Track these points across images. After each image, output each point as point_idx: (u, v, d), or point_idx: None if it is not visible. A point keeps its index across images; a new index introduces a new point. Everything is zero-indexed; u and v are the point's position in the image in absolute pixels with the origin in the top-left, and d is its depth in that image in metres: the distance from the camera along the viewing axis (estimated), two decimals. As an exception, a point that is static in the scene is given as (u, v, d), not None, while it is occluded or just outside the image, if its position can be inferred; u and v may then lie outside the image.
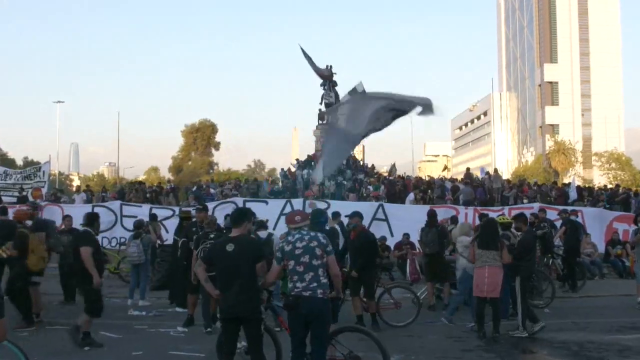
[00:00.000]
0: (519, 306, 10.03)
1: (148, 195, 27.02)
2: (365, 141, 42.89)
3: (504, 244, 9.99)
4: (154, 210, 19.74)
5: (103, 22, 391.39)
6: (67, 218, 14.64)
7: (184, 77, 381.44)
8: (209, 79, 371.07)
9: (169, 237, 17.33)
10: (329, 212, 12.93)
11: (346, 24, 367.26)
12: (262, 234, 10.70)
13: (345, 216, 12.03)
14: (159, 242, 16.11)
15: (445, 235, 13.23)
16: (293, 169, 36.03)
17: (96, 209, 20.29)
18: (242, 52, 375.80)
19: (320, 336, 6.15)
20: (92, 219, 9.75)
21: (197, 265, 6.62)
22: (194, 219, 12.41)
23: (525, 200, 23.83)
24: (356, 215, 11.02)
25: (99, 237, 18.96)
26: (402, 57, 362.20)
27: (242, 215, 6.63)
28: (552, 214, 17.91)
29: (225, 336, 6.39)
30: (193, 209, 14.35)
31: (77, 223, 15.57)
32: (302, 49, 37.44)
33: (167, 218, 19.63)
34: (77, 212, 19.24)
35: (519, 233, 11.06)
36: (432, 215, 13.33)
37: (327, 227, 9.70)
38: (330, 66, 39.02)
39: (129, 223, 17.65)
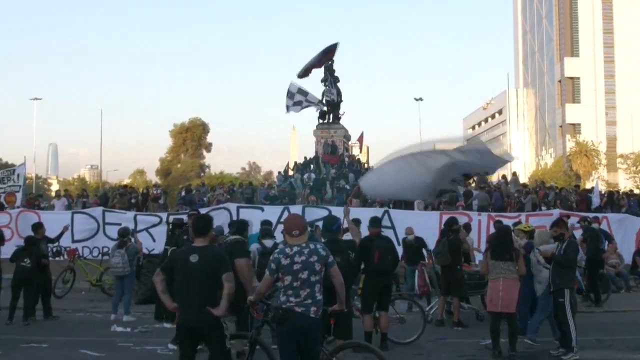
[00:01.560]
0: (570, 324, 9.88)
1: (133, 200, 26.99)
2: (367, 141, 42.80)
3: (520, 254, 9.97)
4: (140, 217, 19.76)
5: (83, 13, 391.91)
6: (39, 227, 14.40)
7: (172, 73, 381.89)
8: (200, 74, 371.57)
9: (156, 246, 17.35)
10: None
11: (351, 18, 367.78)
12: (267, 242, 10.69)
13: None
14: (146, 251, 16.12)
15: (458, 245, 13.20)
16: (291, 172, 36.07)
17: (76, 216, 20.32)
18: (235, 45, 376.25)
19: (310, 355, 6.22)
20: (242, 226, 9.54)
21: (156, 275, 6.60)
22: (186, 226, 12.44)
23: (543, 207, 23.79)
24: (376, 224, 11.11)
25: (79, 246, 19.36)
26: (409, 48, 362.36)
27: (207, 224, 6.76)
28: (574, 221, 17.89)
29: (181, 351, 6.50)
30: (186, 216, 14.34)
31: (55, 232, 15.62)
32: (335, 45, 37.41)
33: (154, 225, 19.64)
34: (57, 219, 19.30)
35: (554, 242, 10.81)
36: (447, 222, 13.40)
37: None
38: (332, 62, 39.10)
39: (113, 231, 17.63)
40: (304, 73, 37.07)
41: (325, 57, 37.66)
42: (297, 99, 36.52)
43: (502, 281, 9.71)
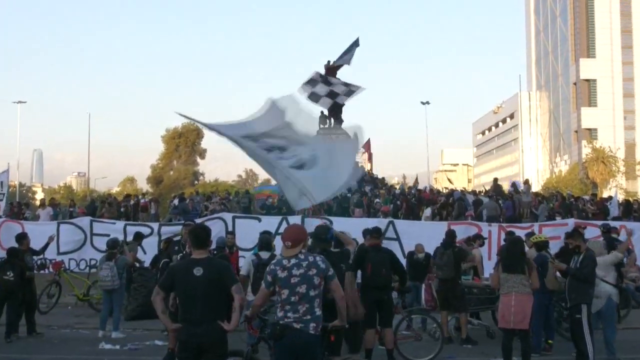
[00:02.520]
0: (587, 341, 9.86)
1: (122, 209, 27.01)
2: (372, 148, 42.90)
3: (533, 267, 9.92)
4: (130, 228, 19.74)
5: (70, 12, 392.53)
6: (23, 238, 14.37)
7: (165, 75, 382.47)
8: (194, 77, 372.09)
9: (147, 259, 17.35)
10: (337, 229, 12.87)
11: (351, 16, 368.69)
12: (264, 254, 10.68)
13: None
14: (137, 264, 16.12)
15: (463, 258, 13.20)
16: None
17: (62, 227, 20.32)
18: (231, 47, 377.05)
19: None
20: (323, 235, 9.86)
21: (155, 294, 6.50)
22: (176, 238, 12.44)
23: (558, 217, 23.80)
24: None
25: (65, 258, 19.35)
26: (414, 48, 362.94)
27: (207, 235, 6.70)
28: (590, 232, 17.86)
29: None
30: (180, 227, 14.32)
31: (40, 243, 15.62)
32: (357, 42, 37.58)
33: (145, 237, 19.62)
34: (42, 230, 19.30)
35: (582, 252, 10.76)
36: (449, 234, 13.41)
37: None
38: (330, 62, 39.21)
39: (101, 242, 17.65)
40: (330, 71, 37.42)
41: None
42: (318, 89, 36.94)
43: (514, 296, 9.68)
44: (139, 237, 17.11)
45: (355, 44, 38.37)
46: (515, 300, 9.66)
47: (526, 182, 29.96)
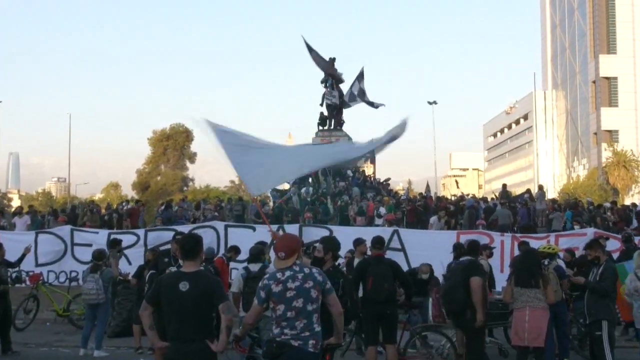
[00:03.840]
0: None
1: (106, 217, 27.03)
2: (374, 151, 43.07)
3: (549, 280, 9.92)
4: (115, 236, 19.72)
5: (48, 8, 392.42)
6: None
7: (152, 73, 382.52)
8: (183, 75, 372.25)
9: (132, 270, 17.32)
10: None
11: (352, 15, 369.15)
12: (254, 266, 10.68)
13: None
14: (120, 277, 16.10)
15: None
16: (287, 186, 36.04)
17: (40, 237, 20.32)
18: (223, 44, 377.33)
19: None
20: (475, 249, 10.77)
21: (142, 309, 6.52)
22: (163, 248, 12.45)
23: (576, 226, 23.81)
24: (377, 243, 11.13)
25: (44, 270, 19.34)
26: (420, 45, 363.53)
27: (197, 245, 6.65)
28: (612, 243, 17.88)
29: None
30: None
31: (16, 254, 15.57)
32: (304, 40, 38.02)
33: (130, 246, 19.61)
34: (18, 240, 19.29)
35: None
36: (455, 247, 13.56)
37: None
38: (334, 59, 39.29)
39: (83, 253, 17.66)
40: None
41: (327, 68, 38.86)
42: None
43: (528, 311, 9.69)
44: (115, 243, 16.86)
45: (360, 76, 39.39)
46: (530, 316, 9.67)
47: (540, 188, 29.98)
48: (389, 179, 41.47)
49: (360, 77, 39.46)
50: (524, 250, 11.08)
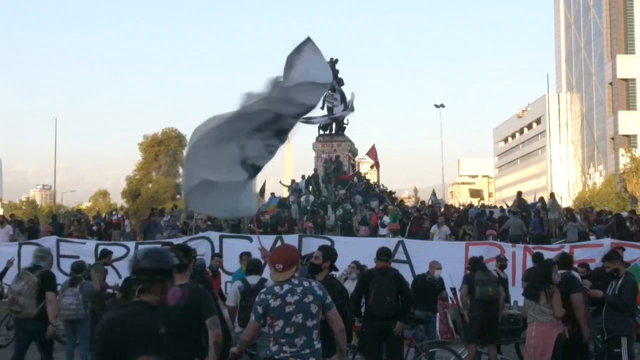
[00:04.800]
0: None
1: (95, 228, 27.04)
2: (379, 157, 43.02)
3: (554, 292, 9.74)
4: (103, 248, 19.68)
5: (34, 5, 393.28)
6: None
7: (142, 74, 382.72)
8: (176, 77, 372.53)
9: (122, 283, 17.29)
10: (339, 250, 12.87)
11: (353, 13, 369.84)
12: (252, 279, 10.66)
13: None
14: (109, 290, 16.06)
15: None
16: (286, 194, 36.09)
17: (24, 248, 20.27)
18: (217, 45, 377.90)
19: None
20: (568, 261, 10.73)
21: None
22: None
23: (592, 236, 23.80)
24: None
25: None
26: (427, 45, 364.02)
27: (187, 256, 6.69)
28: (630, 253, 17.81)
29: None
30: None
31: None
32: (310, 41, 37.67)
33: (119, 258, 19.56)
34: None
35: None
36: (471, 261, 13.68)
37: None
38: (335, 60, 39.27)
39: (69, 265, 17.57)
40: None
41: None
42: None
43: (535, 326, 9.66)
44: (105, 255, 16.82)
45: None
46: (536, 331, 9.63)
47: (551, 196, 29.95)
48: (393, 192, 41.52)
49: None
50: (543, 262, 11.05)
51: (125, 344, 4.34)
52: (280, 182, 38.21)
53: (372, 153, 44.35)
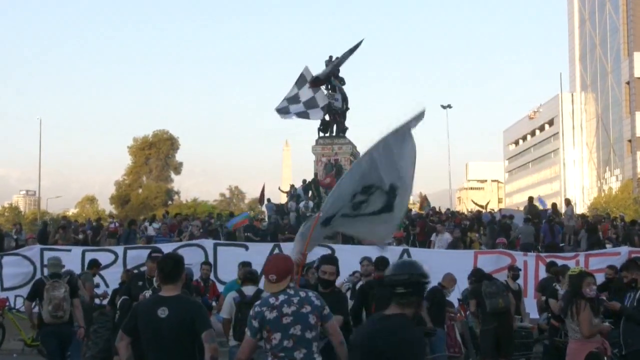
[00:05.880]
0: None
1: (80, 235, 27.01)
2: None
3: (582, 307, 9.54)
4: (90, 255, 19.64)
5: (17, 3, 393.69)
6: None
7: (132, 74, 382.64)
8: (168, 77, 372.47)
9: (110, 292, 17.28)
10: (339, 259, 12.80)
11: (354, 13, 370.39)
12: (248, 289, 10.63)
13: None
14: (98, 298, 16.09)
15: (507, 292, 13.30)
16: (285, 199, 36.04)
17: (6, 259, 20.25)
18: (212, 43, 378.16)
19: None
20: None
21: (119, 339, 6.51)
22: (143, 269, 12.39)
23: (608, 244, 23.76)
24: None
25: (11, 295, 19.28)
26: (433, 43, 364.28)
27: (177, 266, 6.63)
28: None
29: None
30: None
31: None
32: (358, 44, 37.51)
33: (107, 266, 19.54)
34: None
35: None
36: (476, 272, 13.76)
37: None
38: (336, 58, 39.24)
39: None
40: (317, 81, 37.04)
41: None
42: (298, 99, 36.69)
43: (569, 343, 9.51)
44: (94, 265, 16.90)
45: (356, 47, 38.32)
46: (568, 349, 9.49)
47: (568, 203, 29.92)
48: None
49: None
50: (547, 270, 11.04)
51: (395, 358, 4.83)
52: (279, 188, 38.02)
53: None
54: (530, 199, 30.77)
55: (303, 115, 36.42)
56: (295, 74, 37.03)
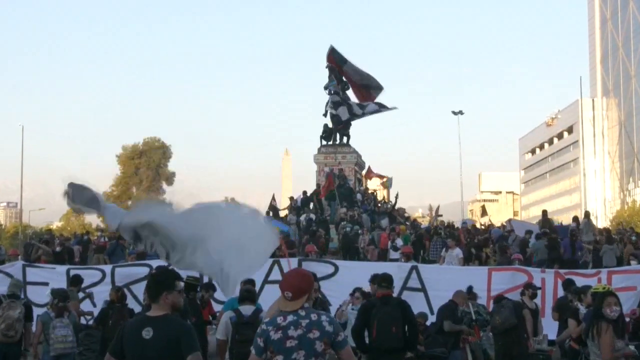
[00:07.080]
0: None
1: (58, 248, 26.84)
2: (387, 170, 43.22)
3: (603, 330, 9.43)
4: (75, 272, 19.62)
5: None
6: None
7: (122, 80, 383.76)
8: (159, 80, 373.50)
9: (97, 313, 17.26)
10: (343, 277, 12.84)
11: (356, 13, 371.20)
12: (246, 309, 10.62)
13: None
14: (83, 320, 16.09)
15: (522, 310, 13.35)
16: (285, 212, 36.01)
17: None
18: (208, 41, 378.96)
19: None
20: None
21: None
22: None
23: (632, 262, 23.72)
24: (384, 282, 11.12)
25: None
26: (445, 46, 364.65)
27: (160, 283, 6.55)
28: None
29: None
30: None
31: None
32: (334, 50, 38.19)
33: (94, 284, 19.51)
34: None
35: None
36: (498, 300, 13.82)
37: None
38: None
39: (37, 293, 17.52)
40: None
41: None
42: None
43: None
44: (77, 281, 16.86)
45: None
46: None
47: (586, 215, 29.85)
48: (403, 210, 41.38)
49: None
50: (564, 288, 11.06)
51: None
52: (272, 198, 37.43)
53: (369, 175, 44.01)
54: (544, 212, 30.74)
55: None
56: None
